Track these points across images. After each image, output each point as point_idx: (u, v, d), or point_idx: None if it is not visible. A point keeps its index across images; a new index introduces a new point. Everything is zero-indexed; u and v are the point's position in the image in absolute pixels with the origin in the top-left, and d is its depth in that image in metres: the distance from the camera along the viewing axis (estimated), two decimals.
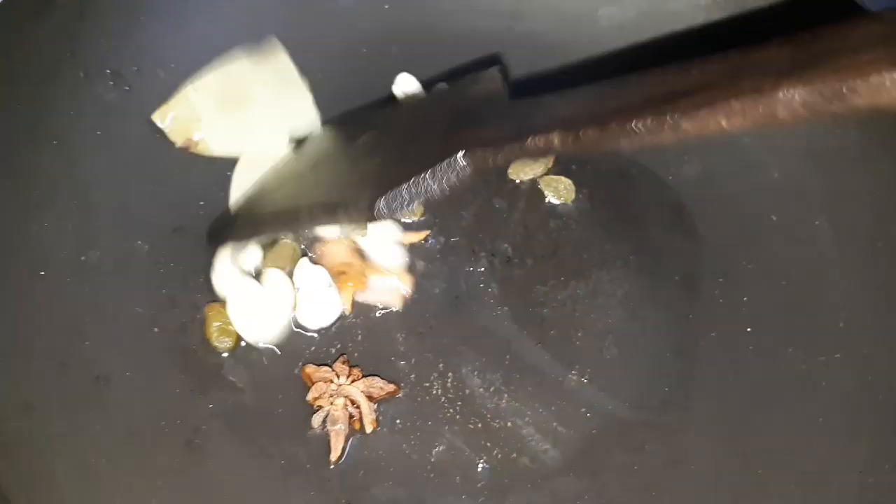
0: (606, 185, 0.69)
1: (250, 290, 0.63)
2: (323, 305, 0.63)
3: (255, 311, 0.62)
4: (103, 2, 0.67)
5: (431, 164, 0.51)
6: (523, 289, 0.65)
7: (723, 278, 0.65)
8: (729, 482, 0.58)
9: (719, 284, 0.65)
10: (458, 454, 0.59)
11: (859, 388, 0.60)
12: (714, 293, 0.65)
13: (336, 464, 0.58)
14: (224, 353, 0.62)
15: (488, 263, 0.66)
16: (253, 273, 0.64)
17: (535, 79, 0.73)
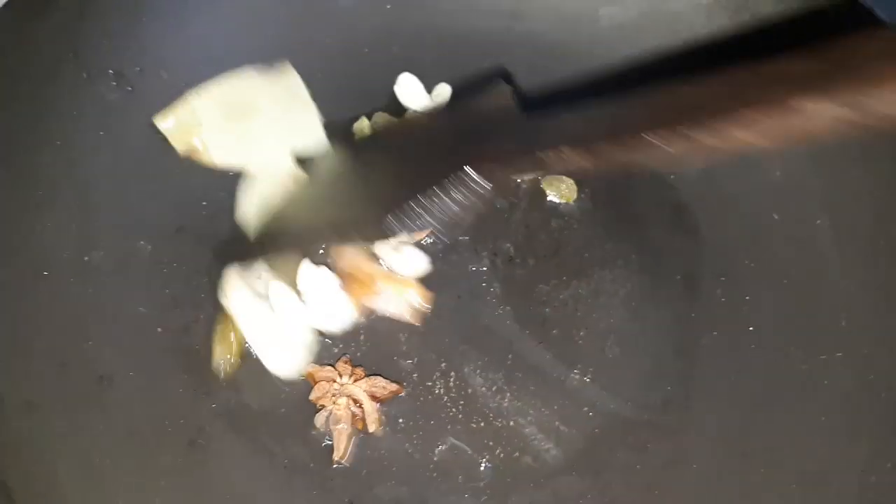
0: (608, 185, 0.69)
1: (265, 316, 0.62)
2: (333, 309, 0.62)
3: (274, 340, 0.61)
4: (105, 2, 0.67)
5: (440, 179, 0.51)
6: (525, 288, 0.65)
7: (724, 278, 0.66)
8: (730, 481, 0.59)
9: (721, 284, 0.65)
10: (461, 453, 0.59)
11: (860, 387, 0.61)
12: (715, 292, 0.65)
13: (339, 463, 0.58)
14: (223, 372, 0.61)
15: (490, 263, 0.66)
16: (263, 291, 0.63)
17: (536, 79, 0.73)
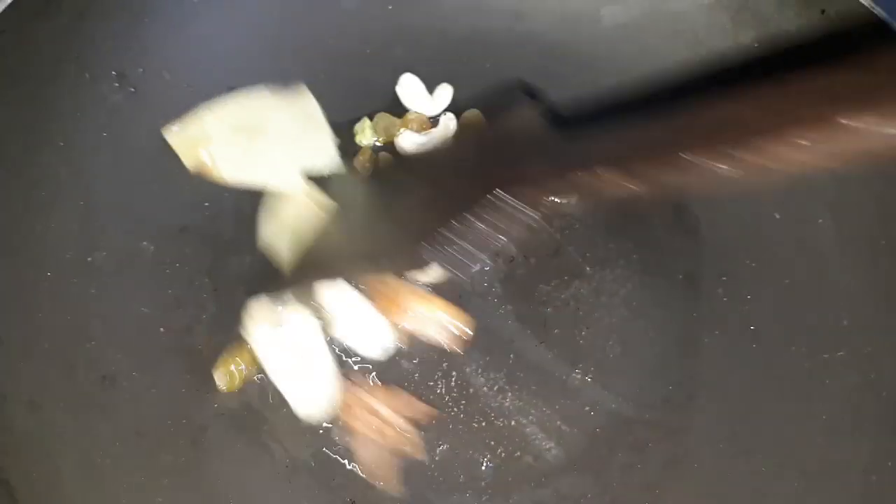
0: None
1: (290, 356, 0.61)
2: (370, 334, 0.61)
3: (300, 379, 0.60)
4: (108, 3, 0.67)
5: (470, 204, 0.49)
6: (526, 288, 0.65)
7: (725, 277, 0.65)
8: (732, 481, 0.59)
9: (722, 283, 0.65)
10: (462, 453, 0.60)
11: (862, 386, 0.61)
12: (717, 292, 0.65)
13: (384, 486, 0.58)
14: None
15: (492, 262, 0.66)
16: (288, 326, 0.61)
17: (538, 79, 0.73)
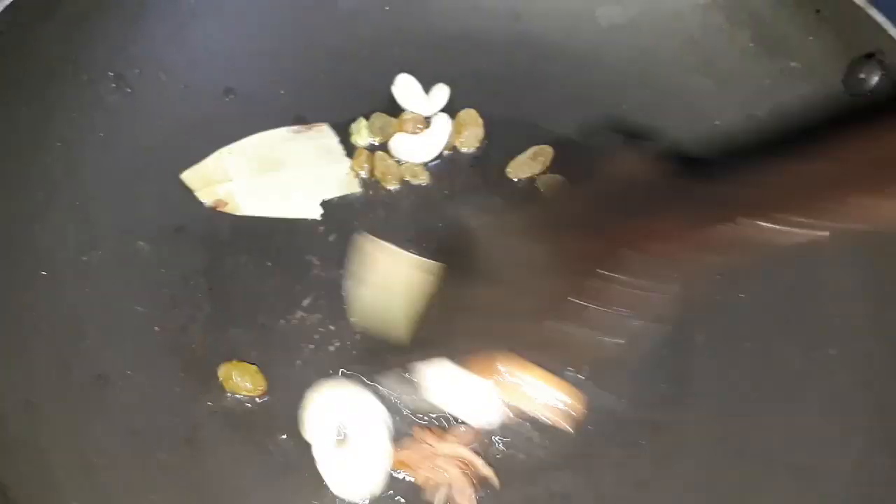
0: None
1: (345, 454, 0.58)
2: (479, 406, 0.59)
3: (350, 471, 0.58)
4: (105, 5, 0.68)
5: (594, 267, 0.45)
6: None
7: (718, 275, 0.65)
8: (723, 478, 0.58)
9: (714, 281, 0.65)
10: None
11: (853, 385, 0.61)
12: (709, 291, 0.65)
13: None
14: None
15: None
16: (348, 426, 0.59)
17: (534, 80, 0.73)
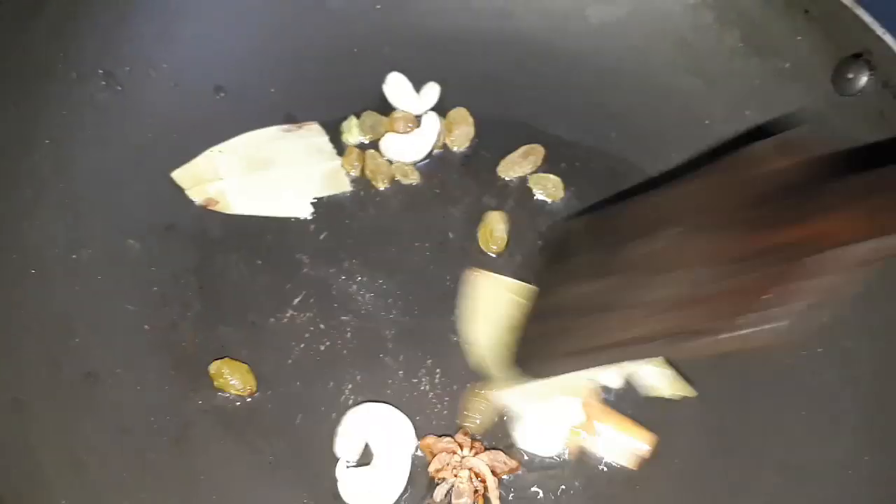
0: (595, 183, 0.69)
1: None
2: (544, 436, 0.60)
3: (367, 481, 0.58)
4: (95, 2, 0.68)
5: (750, 275, 0.41)
6: None
7: None
8: (712, 476, 0.59)
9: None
10: None
11: (840, 382, 0.61)
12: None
13: None
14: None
15: (478, 260, 0.66)
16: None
17: (524, 78, 0.73)
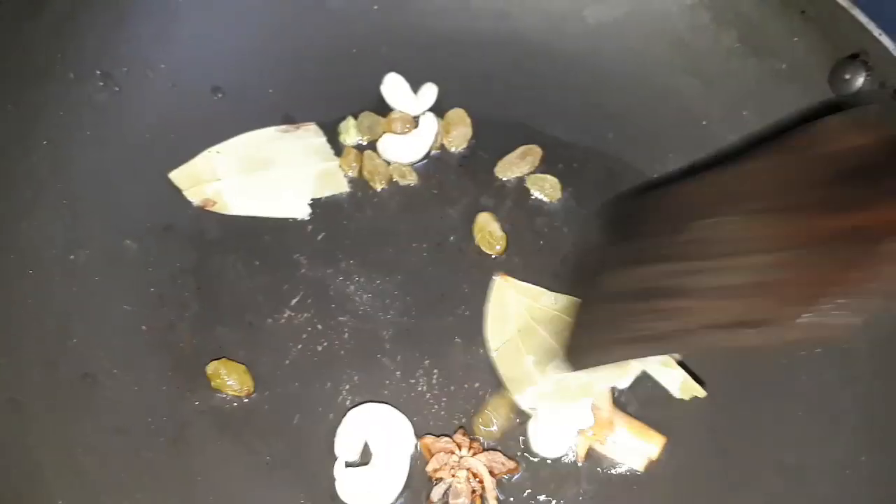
0: (592, 183, 0.69)
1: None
2: (556, 439, 0.60)
3: (365, 481, 0.58)
4: (93, 3, 0.68)
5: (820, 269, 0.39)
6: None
7: None
8: (709, 477, 0.59)
9: None
10: None
11: (841, 382, 0.61)
12: None
13: None
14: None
15: (476, 260, 0.66)
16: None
17: (522, 78, 0.73)
